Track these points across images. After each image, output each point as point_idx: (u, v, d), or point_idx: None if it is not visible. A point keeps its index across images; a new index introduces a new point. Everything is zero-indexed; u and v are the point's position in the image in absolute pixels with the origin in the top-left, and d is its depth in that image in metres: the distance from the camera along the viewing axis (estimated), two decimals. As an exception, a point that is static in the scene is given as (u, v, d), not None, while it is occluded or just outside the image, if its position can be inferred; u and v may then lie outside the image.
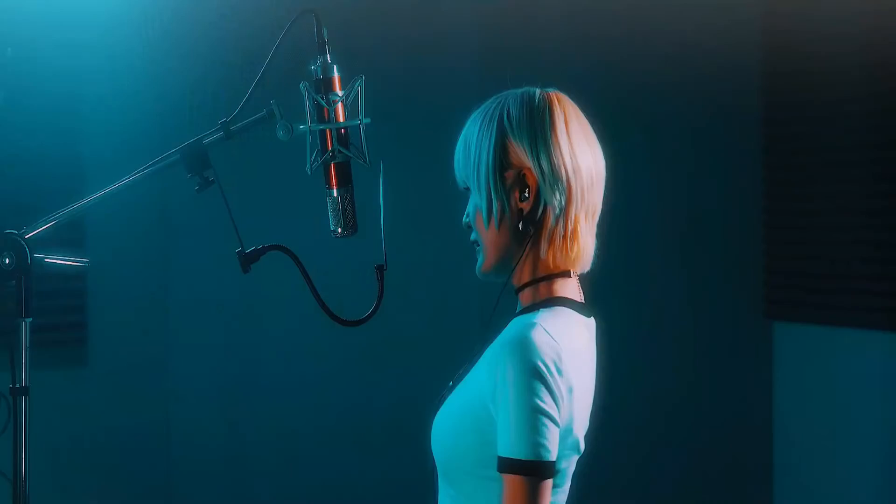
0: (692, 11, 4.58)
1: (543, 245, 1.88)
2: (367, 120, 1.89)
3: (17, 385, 1.82)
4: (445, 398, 1.93)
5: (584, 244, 1.90)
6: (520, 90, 1.92)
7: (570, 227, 1.87)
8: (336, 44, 1.89)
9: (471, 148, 1.90)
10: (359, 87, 1.89)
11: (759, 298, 4.71)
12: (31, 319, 1.83)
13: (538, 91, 1.91)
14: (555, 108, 1.89)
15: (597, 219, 1.93)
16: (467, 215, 1.93)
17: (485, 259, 1.91)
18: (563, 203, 1.86)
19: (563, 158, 1.86)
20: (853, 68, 4.45)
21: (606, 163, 1.94)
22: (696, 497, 4.62)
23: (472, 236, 1.93)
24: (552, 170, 1.85)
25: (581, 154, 1.88)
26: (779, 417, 4.70)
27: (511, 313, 1.92)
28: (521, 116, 1.88)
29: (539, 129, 1.87)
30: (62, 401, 3.98)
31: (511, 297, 1.94)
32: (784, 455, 4.68)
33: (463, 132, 1.93)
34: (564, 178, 1.86)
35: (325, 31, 1.89)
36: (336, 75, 1.89)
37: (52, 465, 3.76)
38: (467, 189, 1.93)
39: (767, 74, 4.83)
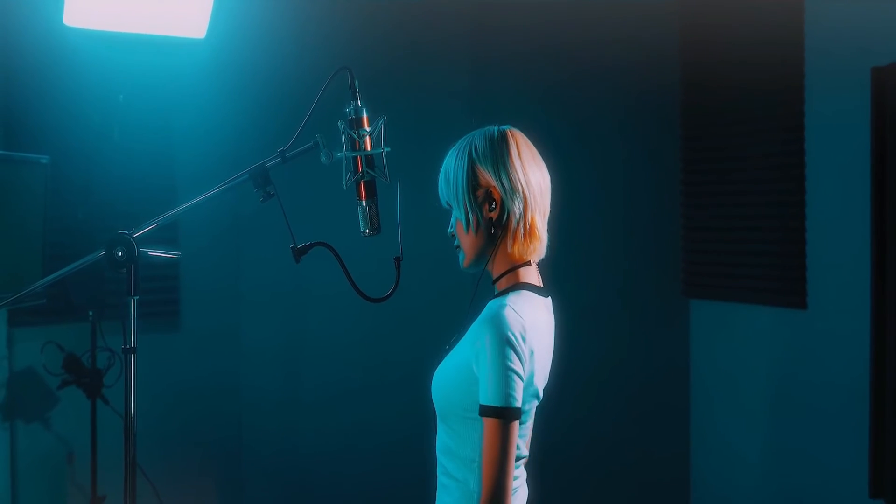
0: (613, 11, 4.17)
1: (509, 241, 1.89)
2: (388, 149, 1.90)
3: (128, 346, 1.83)
4: (443, 359, 1.95)
5: (540, 237, 1.91)
6: (483, 129, 1.93)
7: (528, 226, 1.89)
8: (363, 89, 1.90)
9: (449, 176, 1.91)
10: (381, 125, 1.90)
11: (678, 280, 4.64)
12: (138, 297, 1.83)
13: (496, 129, 1.92)
14: (510, 140, 1.90)
15: (547, 217, 1.94)
16: (451, 226, 1.94)
17: (465, 258, 1.93)
18: (521, 209, 1.87)
19: (518, 176, 1.87)
20: (764, 63, 3.99)
21: (547, 164, 1.94)
22: (628, 434, 4.56)
23: (455, 243, 1.94)
24: (511, 185, 1.87)
25: (531, 172, 1.89)
26: (696, 376, 4.58)
27: (488, 295, 1.93)
28: (486, 148, 1.89)
29: (499, 156, 1.88)
30: (161, 358, 3.98)
31: (489, 283, 1.95)
32: (699, 405, 4.57)
33: (443, 165, 1.95)
34: (521, 190, 1.87)
35: (356, 83, 1.90)
36: (365, 115, 1.88)
37: (152, 405, 3.76)
38: (449, 206, 1.93)
39: (686, 69, 4.38)
